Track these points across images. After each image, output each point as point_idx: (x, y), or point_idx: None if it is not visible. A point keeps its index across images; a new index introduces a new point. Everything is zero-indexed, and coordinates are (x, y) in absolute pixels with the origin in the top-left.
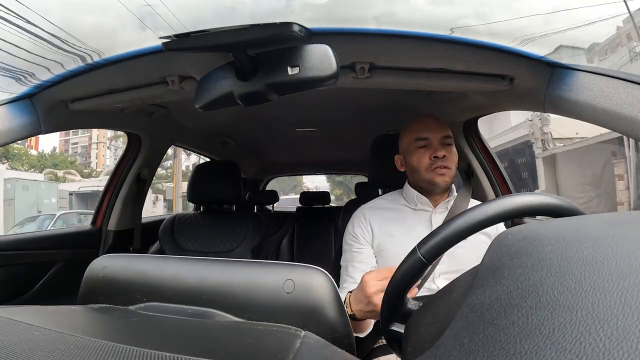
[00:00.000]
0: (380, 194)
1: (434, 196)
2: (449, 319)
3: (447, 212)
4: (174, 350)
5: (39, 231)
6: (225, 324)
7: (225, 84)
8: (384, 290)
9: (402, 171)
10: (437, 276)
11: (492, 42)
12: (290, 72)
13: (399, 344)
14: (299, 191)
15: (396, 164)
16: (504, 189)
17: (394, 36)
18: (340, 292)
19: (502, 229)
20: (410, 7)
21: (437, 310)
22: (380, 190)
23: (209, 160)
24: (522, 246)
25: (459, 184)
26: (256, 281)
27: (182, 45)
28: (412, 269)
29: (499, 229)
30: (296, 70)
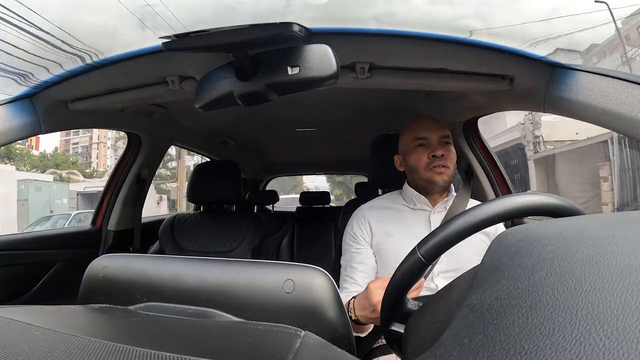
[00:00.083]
0: (380, 194)
1: (433, 195)
2: (449, 319)
3: (445, 211)
4: (174, 350)
5: (39, 231)
6: (225, 324)
7: (225, 84)
8: None
9: (401, 171)
10: (435, 275)
11: (492, 42)
12: (290, 72)
13: (399, 344)
14: (298, 191)
15: (395, 164)
16: (504, 189)
17: (394, 36)
18: (340, 293)
19: (501, 228)
20: (410, 7)
21: (437, 310)
22: (380, 190)
23: (209, 160)
24: (522, 246)
25: (460, 184)
26: (256, 281)
27: (182, 45)
28: (411, 269)
29: (498, 228)
30: (296, 70)
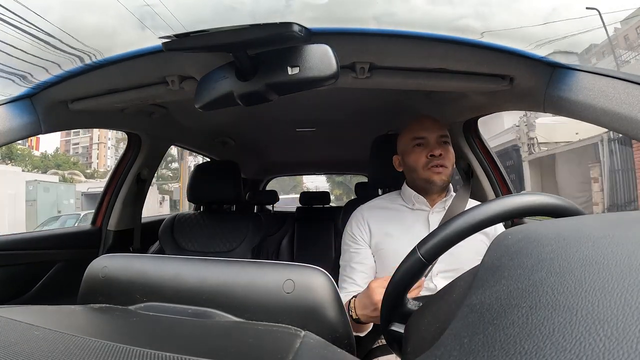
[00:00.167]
0: (380, 194)
1: (432, 195)
2: (449, 319)
3: (444, 211)
4: (174, 350)
5: (39, 231)
6: (225, 324)
7: (225, 84)
8: None
9: (400, 171)
10: (435, 275)
11: (492, 42)
12: (290, 72)
13: (398, 344)
14: (298, 191)
15: (394, 164)
16: (504, 189)
17: (394, 36)
18: (339, 293)
19: (500, 228)
20: (410, 7)
21: (437, 310)
22: (380, 190)
23: (209, 160)
24: (522, 246)
25: (460, 184)
26: (256, 281)
27: (182, 45)
28: (411, 269)
29: (498, 228)
30: (296, 70)
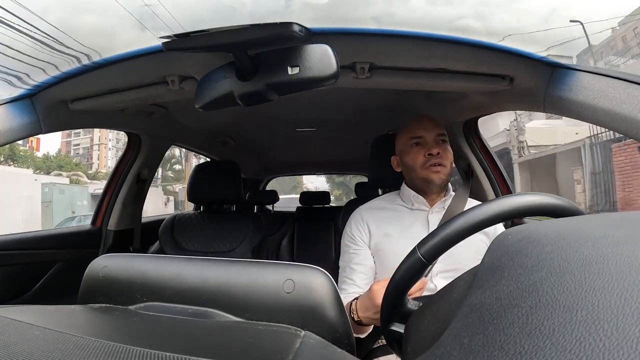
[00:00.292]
0: (380, 194)
1: (431, 195)
2: (449, 319)
3: (444, 211)
4: (174, 350)
5: (39, 231)
6: (225, 324)
7: (225, 84)
8: None
9: (398, 171)
10: (434, 275)
11: (492, 42)
12: (290, 72)
13: (399, 344)
14: (298, 192)
15: (392, 164)
16: (504, 189)
17: (394, 36)
18: (339, 293)
19: (500, 228)
20: (410, 7)
21: (437, 310)
22: (380, 190)
23: (209, 160)
24: (522, 246)
25: (460, 185)
26: (256, 281)
27: (182, 45)
28: (412, 269)
29: (498, 228)
30: (296, 70)
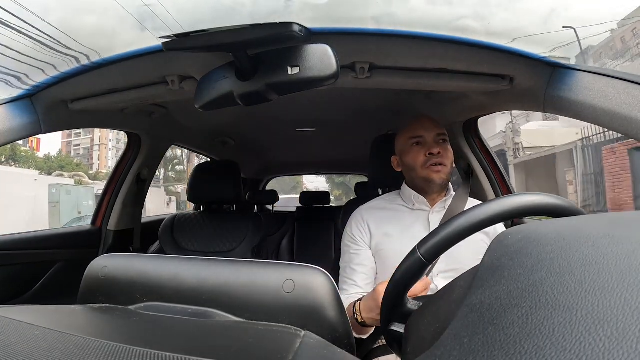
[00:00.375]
0: (380, 194)
1: (431, 195)
2: (449, 319)
3: (444, 211)
4: (174, 350)
5: (39, 231)
6: (225, 324)
7: (225, 84)
8: None
9: (399, 171)
10: (435, 275)
11: (492, 42)
12: (290, 72)
13: (399, 344)
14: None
15: (393, 164)
16: (504, 188)
17: (394, 36)
18: (339, 294)
19: (501, 228)
20: (410, 7)
21: (437, 310)
22: (380, 190)
23: (209, 160)
24: (522, 246)
25: (460, 185)
26: (256, 281)
27: (182, 45)
28: (412, 268)
29: (498, 228)
30: (296, 70)
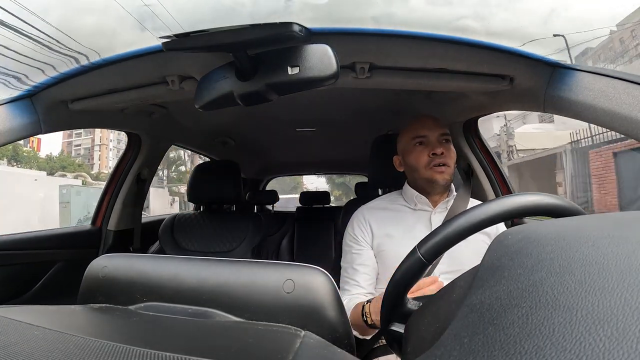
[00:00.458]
0: (380, 194)
1: (434, 196)
2: (449, 319)
3: (446, 212)
4: (174, 350)
5: (39, 231)
6: (225, 324)
7: (225, 84)
8: None
9: (400, 171)
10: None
11: (491, 42)
12: (290, 72)
13: (399, 344)
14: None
15: (395, 164)
16: (504, 188)
17: (394, 36)
18: (340, 294)
19: (501, 228)
20: (409, 7)
21: (437, 310)
22: (380, 190)
23: (209, 160)
24: (522, 246)
25: (459, 185)
26: (256, 281)
27: (182, 45)
28: (412, 268)
29: (499, 228)
30: (296, 70)
